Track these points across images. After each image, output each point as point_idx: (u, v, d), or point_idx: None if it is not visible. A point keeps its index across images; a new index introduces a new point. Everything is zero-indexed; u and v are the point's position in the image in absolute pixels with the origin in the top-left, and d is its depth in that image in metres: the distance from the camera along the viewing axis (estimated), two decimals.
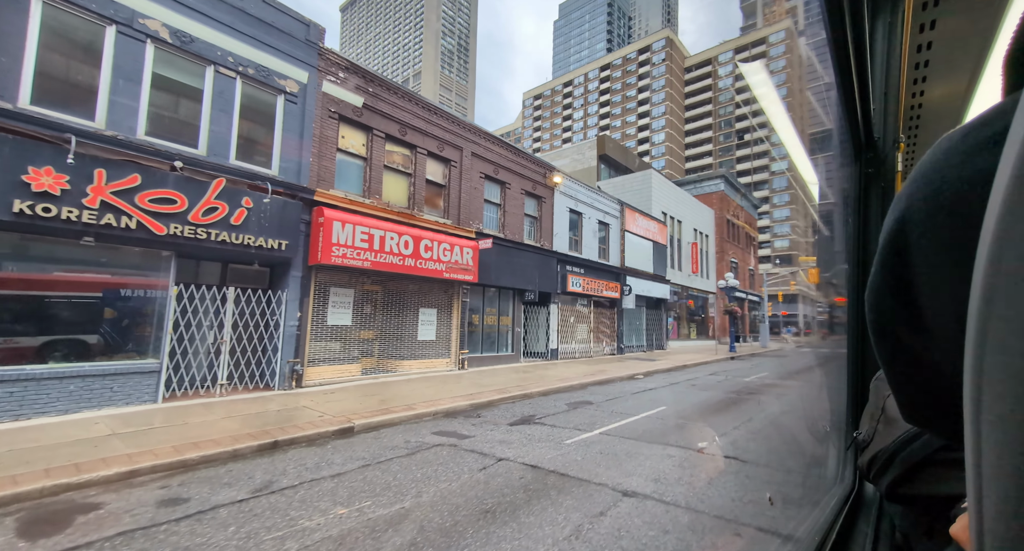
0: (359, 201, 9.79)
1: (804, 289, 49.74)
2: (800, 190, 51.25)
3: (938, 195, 0.31)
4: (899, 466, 0.73)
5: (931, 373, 0.37)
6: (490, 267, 13.33)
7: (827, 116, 2.04)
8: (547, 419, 6.93)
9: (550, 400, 8.81)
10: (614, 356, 19.27)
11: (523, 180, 15.30)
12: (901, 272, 0.35)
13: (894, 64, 1.19)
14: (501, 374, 11.86)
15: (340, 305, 9.64)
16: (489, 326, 13.75)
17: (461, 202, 12.69)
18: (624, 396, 9.28)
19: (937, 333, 0.33)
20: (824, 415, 3.03)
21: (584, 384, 11.00)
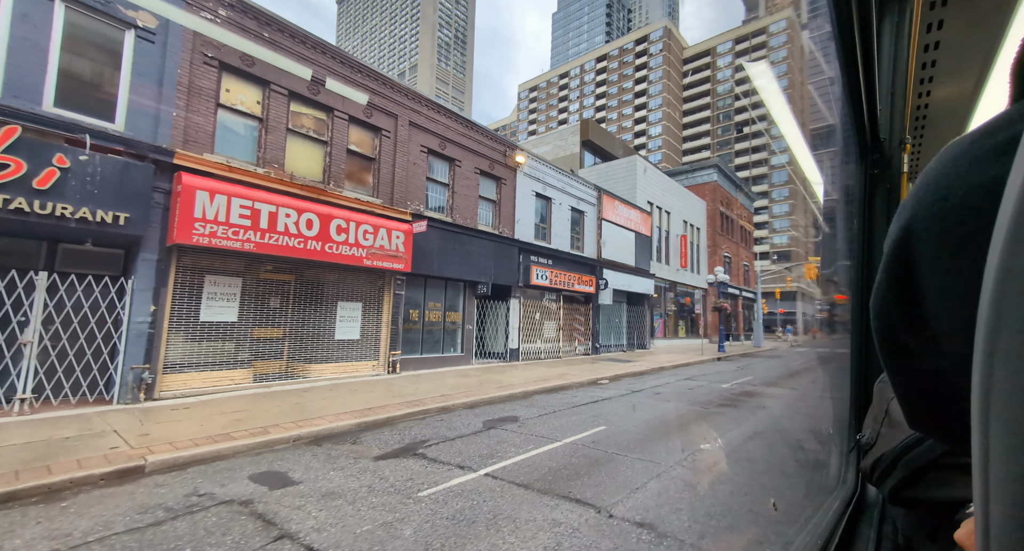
0: (247, 170, 8.02)
1: (803, 286, 48.03)
2: (801, 186, 49.61)
3: (944, 202, 0.30)
4: (903, 470, 0.74)
5: (936, 381, 0.37)
6: (432, 255, 11.57)
7: (829, 111, 2.05)
8: (437, 448, 5.20)
9: (470, 416, 7.09)
10: (587, 357, 17.54)
11: (477, 158, 13.50)
12: (907, 280, 0.34)
13: (901, 64, 1.18)
14: (438, 380, 10.14)
15: (221, 297, 7.89)
16: (432, 323, 12.01)
17: (395, 179, 10.91)
18: (564, 410, 7.56)
19: (943, 341, 0.32)
20: (808, 438, 3.40)
21: (529, 393, 9.28)
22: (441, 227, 11.96)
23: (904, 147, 1.47)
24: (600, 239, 19.20)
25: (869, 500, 1.40)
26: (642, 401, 8.53)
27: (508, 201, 14.65)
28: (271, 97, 8.63)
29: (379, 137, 10.68)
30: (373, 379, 9.78)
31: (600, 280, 18.51)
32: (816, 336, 39.07)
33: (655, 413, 7.35)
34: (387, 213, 10.28)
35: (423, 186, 11.77)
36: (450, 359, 12.29)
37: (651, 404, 8.20)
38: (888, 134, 1.46)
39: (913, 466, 0.72)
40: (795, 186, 71.51)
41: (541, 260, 15.75)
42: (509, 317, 14.45)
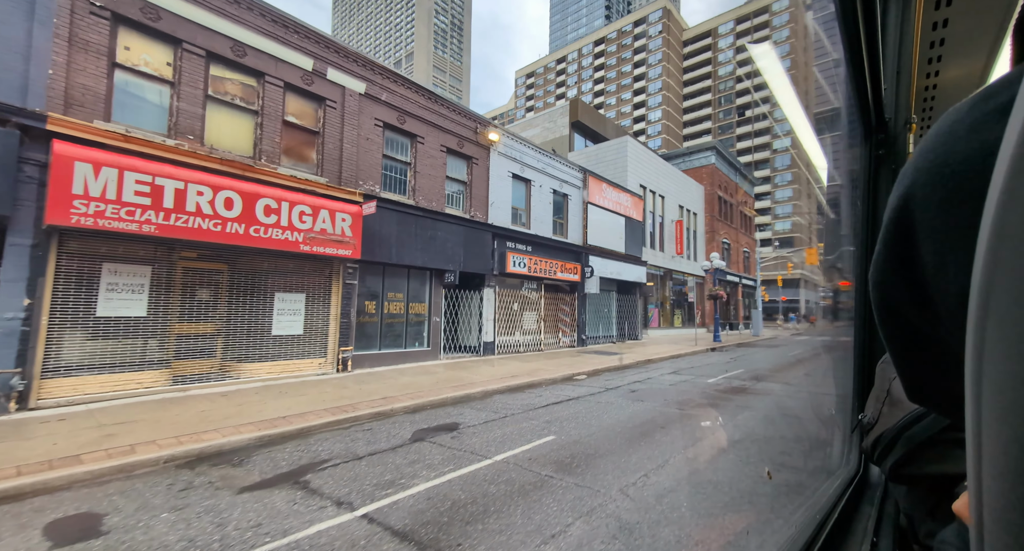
0: (153, 141, 6.93)
1: (806, 273, 46.85)
2: (804, 170, 48.58)
3: (943, 169, 0.30)
4: (903, 447, 0.74)
5: (936, 351, 0.37)
6: (390, 240, 10.50)
7: (834, 94, 2.06)
8: (332, 472, 4.20)
9: (405, 423, 6.10)
10: (572, 350, 16.55)
11: (444, 134, 12.34)
12: (906, 250, 0.34)
13: (907, 42, 1.17)
14: (392, 379, 9.16)
15: (125, 289, 6.88)
16: (393, 315, 10.99)
17: (344, 155, 9.80)
18: (519, 414, 6.55)
19: (942, 311, 0.32)
20: (794, 449, 3.67)
21: (489, 393, 8.29)
22: (401, 210, 10.88)
23: (910, 127, 1.44)
24: (586, 224, 18.07)
25: (872, 480, 1.42)
26: (612, 401, 7.52)
27: (481, 183, 13.52)
28: (184, 58, 7.49)
29: (323, 108, 9.54)
30: (317, 379, 8.80)
31: (586, 268, 17.41)
32: (814, 323, 37.99)
33: (621, 417, 6.33)
34: (333, 193, 9.19)
35: (378, 164, 10.65)
36: (414, 354, 11.30)
37: (621, 405, 7.19)
38: (893, 114, 1.44)
39: (913, 442, 0.73)
40: (799, 170, 69.69)
41: (519, 247, 14.66)
42: (483, 308, 13.42)
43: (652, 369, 11.99)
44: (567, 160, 17.51)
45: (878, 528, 1.08)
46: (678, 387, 8.97)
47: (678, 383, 9.45)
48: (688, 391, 8.49)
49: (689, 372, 11.19)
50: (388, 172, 11.06)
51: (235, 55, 8.12)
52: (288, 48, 8.82)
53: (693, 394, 8.18)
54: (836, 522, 1.12)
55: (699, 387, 8.95)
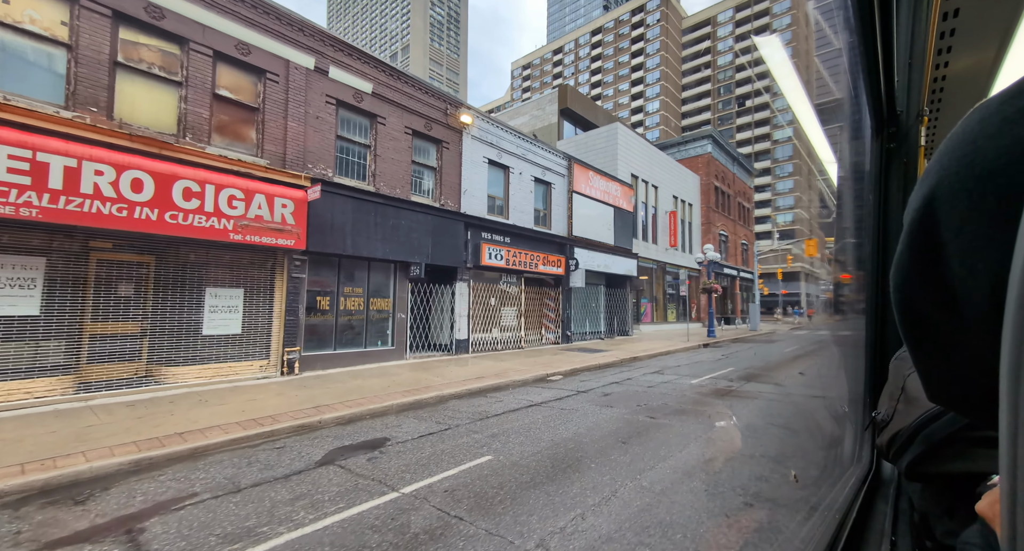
0: (40, 111, 5.97)
1: (806, 266, 45.86)
2: (806, 162, 47.16)
3: (972, 166, 0.29)
4: (920, 444, 0.73)
5: (960, 352, 0.36)
6: (344, 230, 9.57)
7: (836, 84, 2.07)
8: (185, 513, 3.31)
9: (327, 438, 5.22)
10: (556, 347, 15.67)
11: (409, 115, 11.36)
12: (930, 250, 0.33)
13: (919, 32, 1.15)
14: (342, 382, 8.28)
15: (9, 283, 5.96)
16: (351, 312, 10.08)
17: (288, 135, 8.84)
18: (464, 425, 5.67)
19: (969, 313, 0.32)
20: (775, 466, 3.42)
21: (445, 398, 7.42)
22: (359, 197, 9.93)
23: (922, 120, 1.41)
24: (571, 214, 17.10)
25: (884, 477, 1.40)
26: (577, 408, 6.63)
27: (452, 168, 12.56)
28: (83, 17, 6.52)
29: (263, 82, 8.57)
30: (255, 384, 7.91)
31: (570, 260, 16.48)
32: (811, 317, 37.05)
33: (579, 429, 5.44)
34: (273, 176, 8.24)
35: (331, 146, 9.69)
36: (376, 354, 10.41)
37: (585, 413, 6.29)
38: (905, 106, 1.42)
39: (931, 441, 0.71)
40: (800, 162, 68.45)
41: (496, 238, 13.73)
42: (455, 303, 12.51)
43: (636, 368, 11.10)
44: (550, 146, 16.52)
45: (895, 526, 1.05)
46: (657, 390, 8.07)
47: (658, 385, 8.56)
48: (666, 394, 7.59)
49: (674, 371, 10.30)
50: (344, 155, 10.10)
51: (151, 17, 7.14)
52: (216, 13, 7.84)
53: (671, 398, 7.28)
54: (855, 520, 1.10)
55: (680, 389, 8.06)
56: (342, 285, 9.92)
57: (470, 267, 12.86)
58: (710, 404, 6.90)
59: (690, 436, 5.21)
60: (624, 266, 19.80)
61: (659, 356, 13.70)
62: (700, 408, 6.62)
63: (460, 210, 12.65)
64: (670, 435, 5.25)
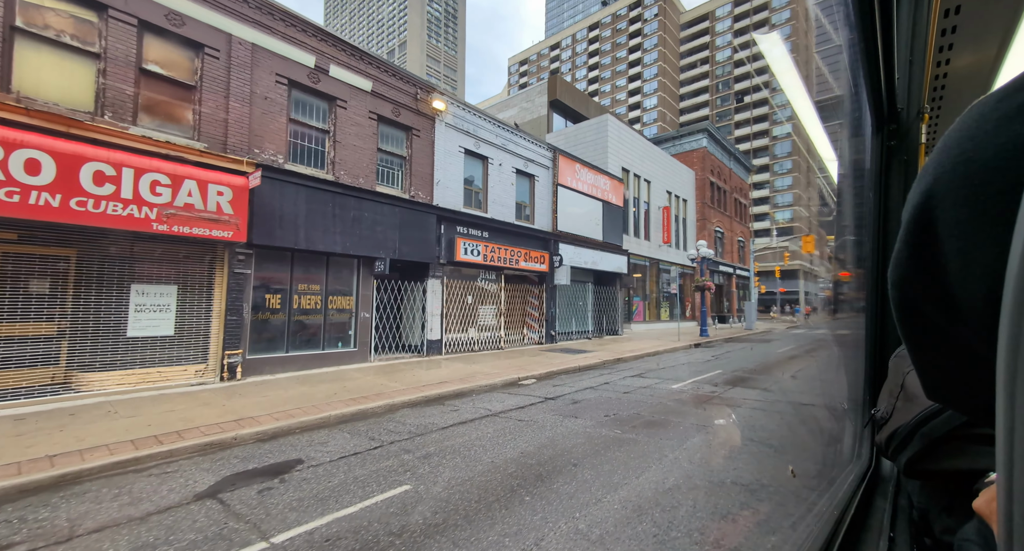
0: None
1: (805, 264, 45.11)
2: (806, 159, 46.38)
3: (970, 164, 0.29)
4: (919, 442, 0.73)
5: (957, 350, 0.36)
6: (296, 222, 8.79)
7: (836, 81, 2.09)
8: None
9: (234, 460, 4.47)
10: (539, 347, 14.91)
11: (374, 99, 10.57)
12: (928, 247, 0.33)
13: (920, 30, 1.15)
14: (287, 389, 7.52)
15: None
16: (306, 311, 9.31)
17: (231, 117, 8.05)
18: (401, 441, 4.91)
19: (966, 310, 0.32)
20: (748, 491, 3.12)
21: (396, 406, 6.69)
22: (315, 186, 9.15)
23: (922, 117, 1.42)
24: (556, 208, 16.32)
25: (884, 474, 1.40)
26: (537, 419, 5.87)
27: (423, 158, 11.77)
28: None
29: (200, 57, 7.77)
30: (187, 391, 7.15)
31: (555, 256, 15.71)
32: (808, 315, 36.35)
33: (529, 446, 4.68)
34: (209, 161, 7.46)
35: (283, 130, 8.90)
36: (336, 357, 9.65)
37: (544, 425, 5.54)
38: (906, 104, 1.42)
39: (930, 438, 0.72)
40: (799, 158, 67.65)
41: (473, 232, 12.96)
42: (426, 302, 11.75)
43: (618, 370, 10.35)
44: (533, 136, 15.73)
45: (894, 523, 1.06)
46: (633, 396, 7.32)
47: (635, 390, 7.81)
48: (641, 402, 6.84)
49: (656, 374, 9.55)
50: (298, 140, 9.31)
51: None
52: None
53: (645, 407, 6.52)
54: (853, 517, 1.11)
55: (659, 395, 7.30)
56: (296, 282, 9.15)
57: (443, 263, 12.09)
58: (687, 414, 6.14)
59: (654, 456, 4.45)
60: (613, 263, 19.04)
61: (645, 357, 12.96)
62: (675, 419, 5.86)
63: (432, 202, 11.87)
64: (632, 455, 4.49)
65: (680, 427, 5.52)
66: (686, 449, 4.70)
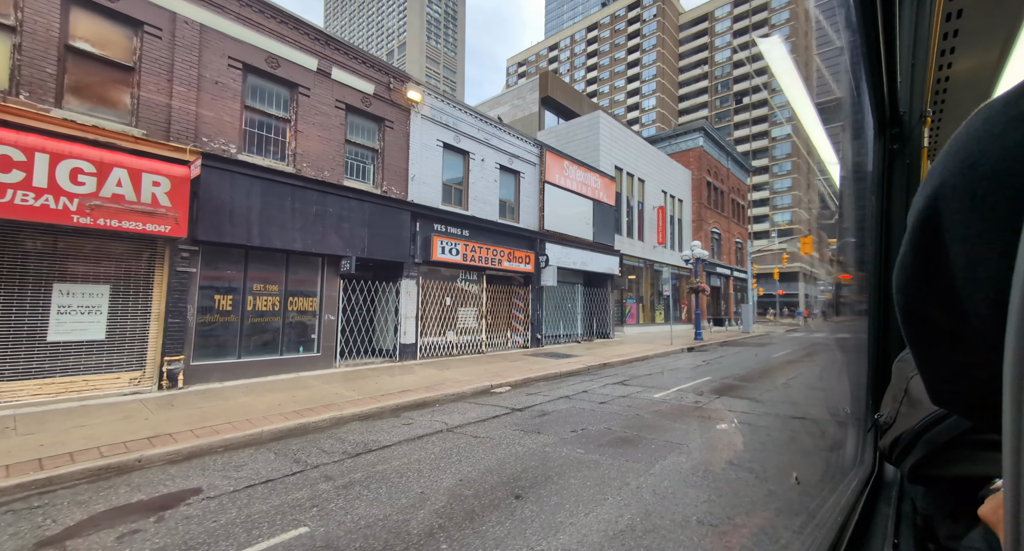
0: None
1: (805, 266, 44.49)
2: (806, 161, 45.77)
3: (976, 167, 0.29)
4: (923, 447, 0.72)
5: (963, 354, 0.36)
6: (249, 217, 8.15)
7: (836, 83, 2.11)
8: None
9: (122, 489, 3.82)
10: (523, 351, 14.24)
11: (342, 88, 9.94)
12: (933, 251, 0.33)
13: (922, 33, 1.15)
14: (230, 399, 6.86)
15: None
16: (262, 313, 8.66)
17: (175, 102, 7.42)
18: (326, 465, 4.25)
19: (972, 314, 0.31)
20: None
21: (346, 419, 6.04)
22: (271, 178, 8.51)
23: (924, 121, 1.41)
24: (543, 206, 15.68)
25: (887, 480, 1.38)
26: (495, 435, 5.21)
27: (397, 151, 11.13)
28: None
29: (139, 36, 7.14)
30: (116, 401, 6.48)
31: (540, 256, 15.06)
32: (807, 318, 35.65)
33: (473, 471, 4.02)
34: (146, 148, 6.82)
35: (236, 117, 8.26)
36: (296, 362, 8.98)
37: (500, 442, 4.87)
38: (908, 107, 1.42)
39: (934, 444, 0.71)
40: (799, 160, 67.04)
41: (452, 230, 12.31)
42: (400, 303, 11.09)
43: (601, 376, 9.69)
44: (518, 131, 15.10)
45: (898, 529, 1.04)
46: (609, 407, 6.65)
47: (613, 400, 7.14)
48: (616, 414, 6.17)
49: (640, 382, 8.88)
50: (255, 129, 8.67)
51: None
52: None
53: (619, 420, 5.85)
54: (857, 523, 1.10)
55: (636, 407, 6.63)
56: (251, 281, 8.49)
57: (419, 262, 11.44)
58: (663, 429, 5.47)
59: (614, 484, 3.78)
60: (604, 264, 18.37)
61: (634, 362, 12.29)
62: (648, 436, 5.19)
63: (407, 198, 11.23)
64: (589, 482, 3.83)
65: (652, 446, 4.85)
66: (653, 475, 4.03)
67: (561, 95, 24.31)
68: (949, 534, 0.69)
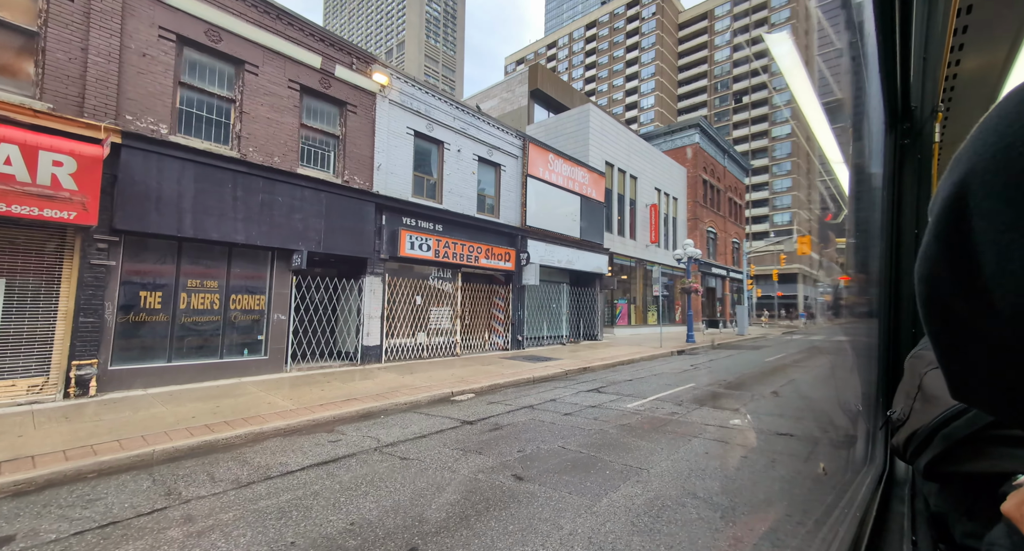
0: None
1: (805, 267, 43.67)
2: (806, 160, 44.95)
3: (1008, 152, 0.28)
4: (940, 444, 0.71)
5: (988, 348, 0.35)
6: (178, 204, 7.34)
7: (841, 79, 2.09)
8: None
9: None
10: (503, 353, 13.43)
11: (296, 66, 9.13)
12: (960, 240, 0.32)
13: (935, 28, 1.15)
14: (143, 410, 6.06)
15: None
16: (199, 312, 7.84)
17: (91, 73, 6.61)
18: (199, 500, 3.44)
19: (1001, 305, 0.30)
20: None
21: (267, 434, 5.29)
22: (210, 163, 7.70)
23: (936, 116, 1.39)
24: (525, 201, 14.87)
25: (898, 477, 1.37)
26: (429, 455, 4.39)
27: (362, 138, 10.33)
28: None
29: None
30: (6, 413, 5.67)
31: (521, 254, 14.25)
32: (808, 320, 34.76)
33: (375, 510, 3.19)
34: (48, 124, 6.01)
35: (168, 94, 7.45)
36: (239, 366, 8.17)
37: (431, 465, 4.06)
38: (919, 102, 1.41)
39: (951, 440, 0.69)
40: (799, 160, 66.23)
41: (423, 225, 11.50)
42: (363, 302, 10.27)
43: (578, 382, 8.89)
44: (499, 122, 14.29)
45: (914, 527, 1.02)
46: (572, 420, 5.84)
47: (580, 411, 6.32)
48: (578, 429, 5.35)
49: (618, 389, 8.07)
50: (191, 108, 7.86)
51: None
52: None
53: (578, 436, 5.04)
54: (874, 521, 1.09)
55: (604, 419, 5.82)
56: (185, 277, 7.68)
57: (385, 258, 10.63)
58: (625, 449, 4.65)
59: (542, 528, 2.97)
60: (592, 262, 17.56)
61: (617, 366, 11.48)
62: (606, 457, 4.38)
63: (372, 189, 10.43)
64: (512, 525, 3.01)
65: (606, 471, 4.03)
66: (596, 513, 3.22)
67: (551, 88, 23.52)
68: (966, 532, 0.67)
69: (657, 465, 4.23)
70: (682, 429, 5.47)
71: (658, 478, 3.90)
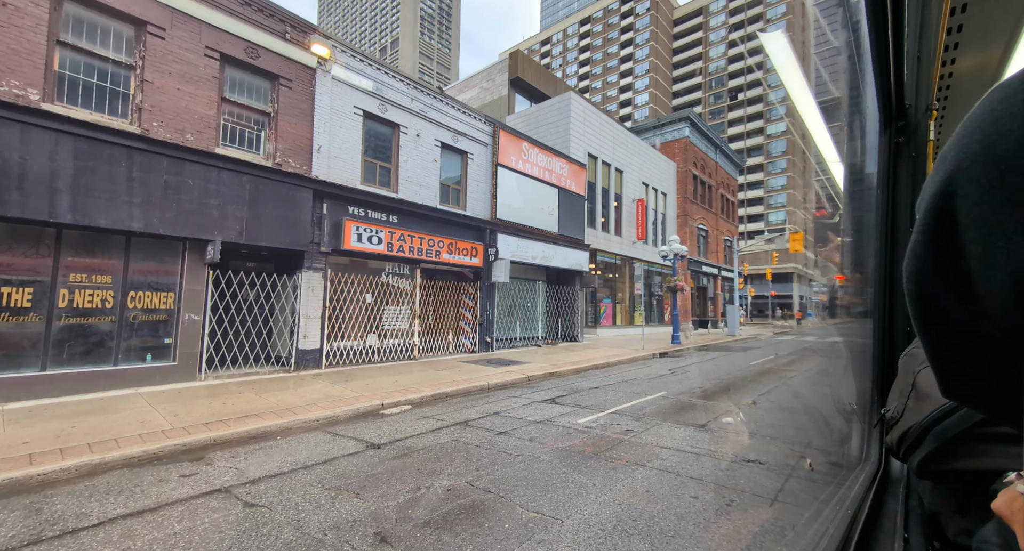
0: None
1: (799, 266, 42.68)
2: (802, 158, 44.02)
3: (992, 149, 0.28)
4: (932, 441, 0.72)
5: (977, 346, 0.35)
6: (53, 184, 6.21)
7: (837, 77, 2.14)
8: None
9: None
10: (469, 355, 12.35)
11: (215, 33, 8.02)
12: (947, 237, 0.32)
13: (929, 27, 1.15)
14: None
15: None
16: (86, 311, 6.72)
17: None
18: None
19: (988, 304, 0.31)
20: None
21: (107, 464, 4.27)
22: (98, 137, 6.57)
23: (931, 114, 1.41)
24: (495, 192, 13.79)
25: (894, 475, 1.38)
26: (288, 499, 3.30)
27: (298, 116, 9.21)
28: None
29: None
30: None
31: (490, 248, 13.17)
32: (800, 320, 33.87)
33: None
34: None
35: (39, 56, 6.31)
36: (137, 375, 7.04)
37: (276, 517, 2.99)
38: (914, 100, 1.42)
39: (944, 437, 0.69)
40: (795, 158, 65.43)
41: (373, 215, 10.40)
42: (299, 300, 9.17)
43: (537, 390, 7.82)
44: (466, 106, 13.20)
45: (907, 524, 1.03)
46: (502, 442, 4.76)
47: (519, 429, 5.25)
48: (505, 455, 4.27)
49: (576, 399, 7.00)
50: (76, 73, 6.74)
51: None
52: None
53: (497, 467, 3.96)
54: (866, 518, 1.09)
55: (540, 441, 4.74)
56: (66, 270, 6.56)
57: (327, 251, 9.52)
58: (547, 486, 3.58)
59: None
60: (572, 259, 16.50)
61: (588, 371, 10.44)
62: (517, 498, 3.30)
63: (310, 174, 9.32)
64: None
65: (505, 525, 2.96)
66: None
67: (533, 77, 22.46)
68: (958, 529, 0.67)
69: (577, 512, 3.16)
70: (630, 454, 4.40)
71: (569, 537, 2.82)
